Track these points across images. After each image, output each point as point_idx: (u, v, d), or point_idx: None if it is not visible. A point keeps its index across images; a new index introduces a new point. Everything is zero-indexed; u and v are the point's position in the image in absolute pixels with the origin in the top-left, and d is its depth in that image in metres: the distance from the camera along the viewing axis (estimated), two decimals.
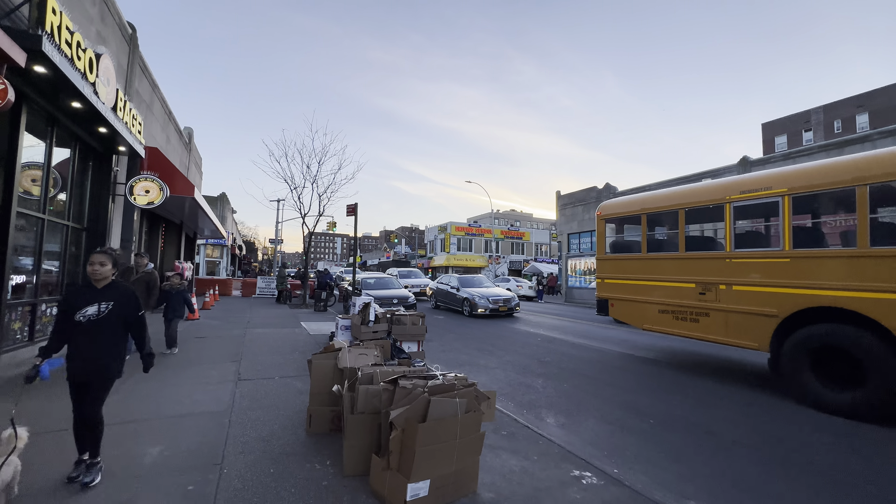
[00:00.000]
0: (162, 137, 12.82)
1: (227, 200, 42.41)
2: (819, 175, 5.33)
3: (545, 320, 13.93)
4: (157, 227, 14.89)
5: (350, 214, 10.01)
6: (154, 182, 9.32)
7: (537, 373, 6.85)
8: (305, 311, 14.85)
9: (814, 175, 5.39)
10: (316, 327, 10.85)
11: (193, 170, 18.79)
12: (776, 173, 5.87)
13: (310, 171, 16.36)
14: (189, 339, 8.60)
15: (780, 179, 5.72)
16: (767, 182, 5.84)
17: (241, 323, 11.27)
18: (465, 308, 14.25)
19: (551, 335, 10.70)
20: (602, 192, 29.70)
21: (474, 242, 53.30)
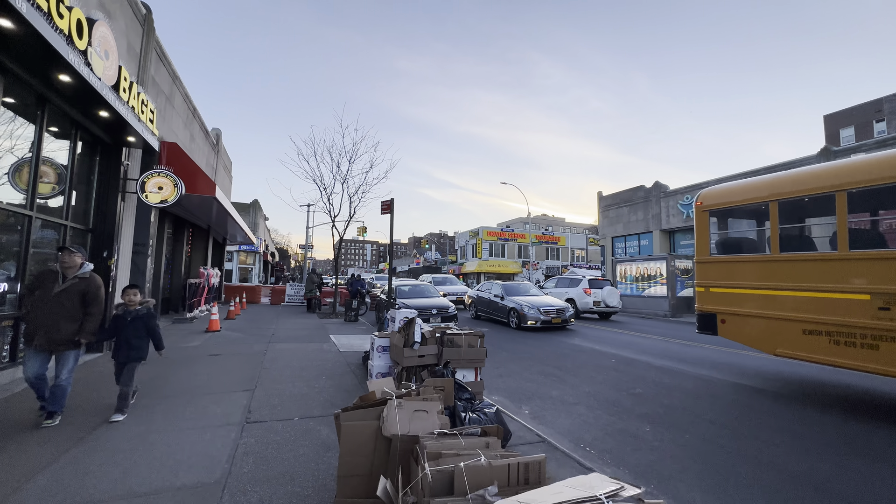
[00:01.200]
0: (185, 135, 11.95)
1: (260, 207, 42.52)
2: None
3: (606, 334, 12.05)
4: (182, 231, 14.09)
5: (385, 212, 8.71)
6: (168, 178, 8.26)
7: (636, 413, 5.13)
8: (335, 322, 13.61)
9: None
10: (346, 342, 9.49)
11: (222, 172, 18.11)
12: None
13: (340, 171, 15.26)
14: (201, 356, 7.39)
15: None
16: None
17: (265, 336, 10.07)
18: (512, 319, 12.58)
19: (625, 354, 8.88)
20: (651, 191, 27.32)
21: (507, 248, 51.37)
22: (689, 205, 24.16)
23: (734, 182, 6.46)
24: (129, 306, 4.63)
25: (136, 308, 4.63)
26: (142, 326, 4.59)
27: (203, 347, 8.28)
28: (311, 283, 17.41)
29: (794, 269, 5.27)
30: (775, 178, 5.75)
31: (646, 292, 21.01)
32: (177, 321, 11.84)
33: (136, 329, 4.55)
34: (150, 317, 4.70)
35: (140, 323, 4.59)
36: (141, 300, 4.72)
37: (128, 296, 4.65)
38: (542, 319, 11.91)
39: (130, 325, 4.53)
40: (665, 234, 26.47)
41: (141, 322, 4.60)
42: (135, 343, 4.52)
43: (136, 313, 4.60)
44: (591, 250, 57.22)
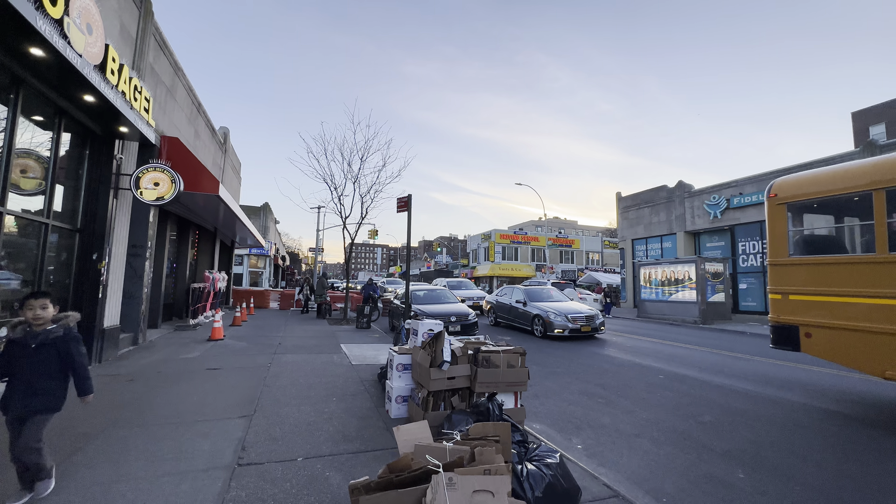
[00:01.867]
0: (188, 131, 11.29)
1: (270, 210, 42.18)
2: None
3: (641, 344, 11.02)
4: (187, 233, 13.44)
5: (402, 210, 7.87)
6: (165, 173, 7.53)
7: (717, 450, 4.17)
8: (346, 329, 12.78)
9: None
10: (359, 353, 8.65)
11: (230, 173, 17.50)
12: None
13: (351, 170, 14.51)
14: (197, 371, 6.59)
15: None
16: None
17: (271, 345, 9.28)
18: (536, 327, 11.61)
19: (673, 369, 7.87)
20: (674, 192, 26.11)
21: (520, 251, 50.31)
22: (716, 205, 22.92)
23: (816, 170, 5.46)
24: (34, 325, 2.88)
25: (45, 328, 2.89)
26: (54, 357, 2.89)
27: (201, 359, 7.50)
28: (322, 287, 16.65)
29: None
30: (877, 162, 4.74)
31: (672, 297, 19.82)
32: (179, 328, 11.14)
33: (45, 362, 2.86)
34: (70, 341, 2.95)
35: (51, 352, 2.88)
36: (56, 315, 2.98)
37: (32, 309, 2.86)
38: (571, 328, 10.93)
39: (35, 356, 2.84)
40: (690, 236, 25.21)
41: (53, 350, 2.88)
42: (41, 384, 2.84)
43: (45, 337, 2.86)
44: (607, 253, 55.81)
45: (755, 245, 21.20)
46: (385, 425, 4.40)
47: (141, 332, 8.78)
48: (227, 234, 18.27)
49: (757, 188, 21.08)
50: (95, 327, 6.84)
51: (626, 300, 28.61)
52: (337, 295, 20.09)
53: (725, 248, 23.19)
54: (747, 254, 21.60)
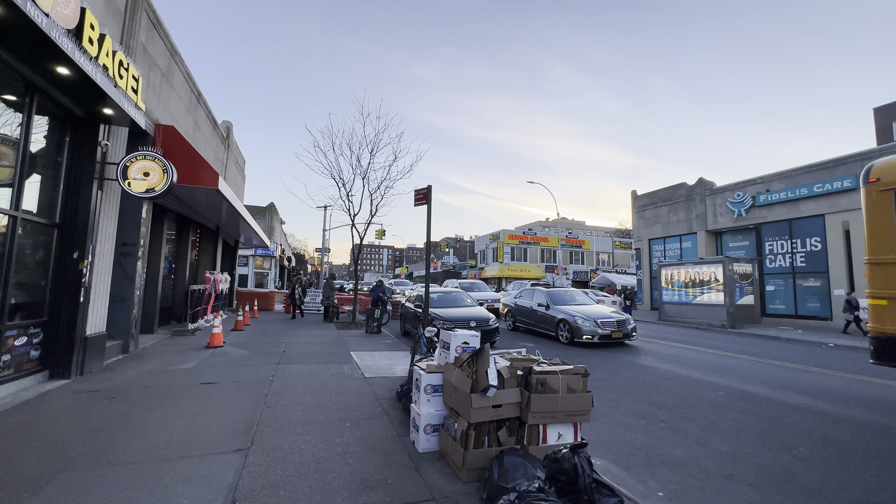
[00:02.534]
0: (187, 122, 10.51)
1: (276, 211, 41.56)
2: None
3: (678, 351, 10.06)
4: (186, 232, 12.66)
5: (420, 202, 7.02)
6: (156, 162, 6.71)
7: (837, 499, 3.24)
8: (355, 334, 11.94)
9: None
10: (371, 362, 7.78)
11: (233, 169, 16.75)
12: None
13: (360, 165, 13.67)
14: (189, 386, 5.76)
15: None
16: None
17: (274, 353, 8.44)
18: (562, 333, 10.68)
19: (730, 384, 6.93)
20: (694, 189, 25.03)
21: (529, 251, 49.31)
22: (740, 203, 21.84)
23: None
24: None
25: None
26: None
27: (196, 371, 6.67)
28: (329, 289, 15.83)
29: None
30: None
31: (697, 300, 18.78)
32: (177, 333, 10.34)
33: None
34: None
35: None
36: None
37: None
38: (601, 334, 9.99)
39: None
40: (711, 236, 24.13)
41: None
42: None
43: None
44: (618, 254, 54.65)
45: (783, 245, 20.10)
46: (413, 463, 3.53)
47: (132, 339, 7.98)
48: (231, 233, 17.53)
49: (785, 185, 20.01)
50: (76, 335, 6.03)
51: (643, 302, 27.56)
52: (344, 297, 19.28)
53: (750, 249, 22.10)
54: (775, 254, 20.51)
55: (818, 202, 18.66)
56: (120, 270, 7.91)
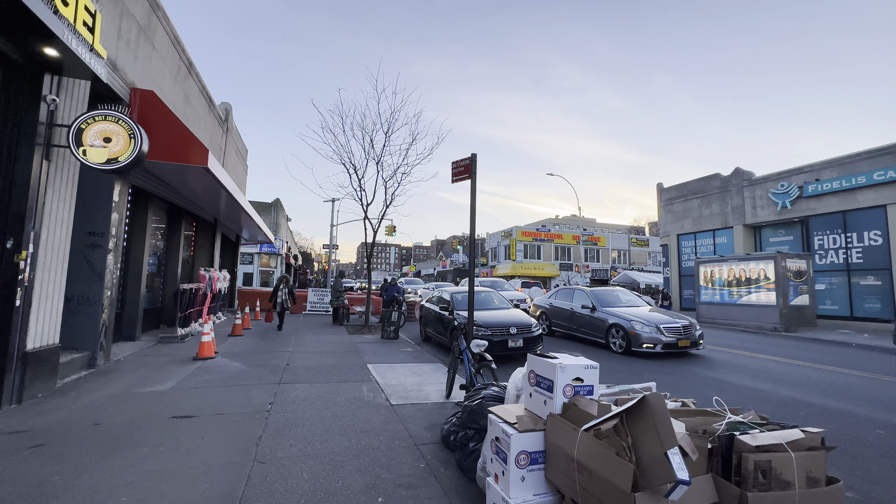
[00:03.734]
0: (174, 93, 9.00)
1: (282, 207, 40.24)
2: None
3: (751, 362, 8.39)
4: (178, 223, 11.18)
5: (461, 177, 5.44)
6: (120, 124, 5.18)
7: None
8: (369, 340, 10.40)
9: None
10: (395, 381, 6.22)
11: (233, 157, 15.26)
12: None
13: (374, 149, 12.10)
14: (159, 420, 4.21)
15: None
16: None
17: (275, 367, 6.91)
18: (614, 340, 9.04)
19: (875, 414, 5.25)
20: (730, 180, 23.16)
21: (543, 249, 47.57)
22: (784, 194, 20.00)
23: None
24: None
25: None
26: None
27: (171, 396, 5.13)
28: (337, 290, 14.30)
29: None
30: None
31: (743, 300, 17.00)
32: (164, 340, 8.86)
33: None
34: None
35: None
36: None
37: None
38: (665, 341, 8.33)
39: None
40: (749, 230, 22.28)
41: None
42: None
43: None
44: (634, 251, 52.70)
45: (836, 239, 18.24)
46: None
47: (101, 351, 6.48)
48: (232, 227, 16.07)
49: (838, 173, 18.15)
50: (9, 350, 4.53)
51: (672, 302, 25.76)
52: (354, 297, 17.77)
53: (794, 244, 20.25)
54: (825, 250, 18.65)
55: (879, 191, 16.78)
56: (85, 266, 6.41)
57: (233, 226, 15.91)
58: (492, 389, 3.65)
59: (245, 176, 18.30)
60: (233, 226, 15.91)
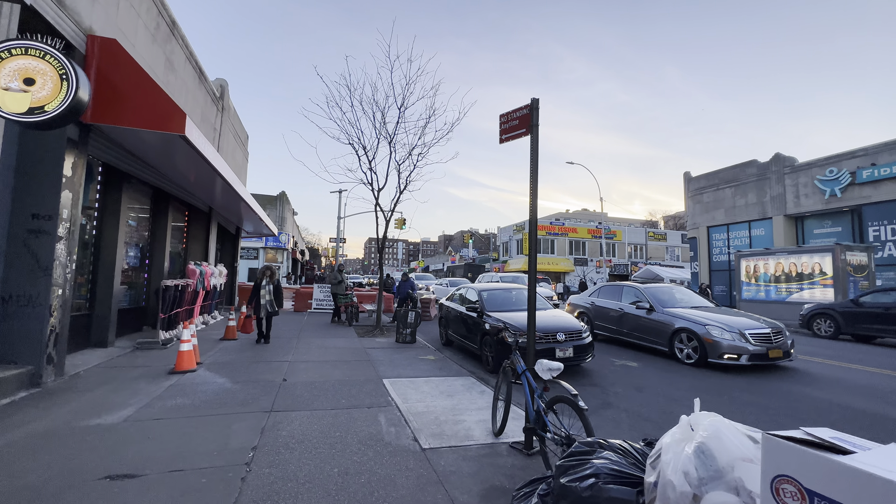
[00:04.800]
0: (153, 55, 7.60)
1: (287, 200, 38.97)
2: None
3: (866, 379, 6.81)
4: (165, 211, 9.82)
5: (515, 132, 4.01)
6: (49, 62, 3.77)
7: None
8: (382, 345, 9.00)
9: None
10: (423, 407, 4.80)
11: (231, 140, 13.87)
12: None
13: (385, 127, 10.60)
14: (84, 483, 2.80)
15: None
16: None
17: (269, 385, 5.51)
18: (682, 348, 7.48)
19: None
20: (769, 167, 21.29)
21: (557, 243, 45.86)
22: (834, 181, 18.19)
23: None
24: None
25: None
26: None
27: (122, 434, 3.74)
28: (338, 283, 12.89)
29: None
30: None
31: (793, 297, 15.30)
32: (142, 346, 7.51)
33: None
34: None
35: None
36: None
37: None
38: (752, 352, 6.74)
39: None
40: (790, 221, 20.48)
41: None
42: None
43: None
44: (651, 245, 50.77)
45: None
46: None
47: (50, 365, 5.12)
48: (230, 217, 14.74)
49: None
50: None
51: None
52: (364, 294, 16.41)
53: (843, 235, 18.46)
54: (882, 241, 16.85)
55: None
56: (26, 257, 5.04)
57: (232, 217, 14.58)
58: (605, 459, 2.17)
59: (245, 163, 16.95)
60: (232, 217, 14.58)
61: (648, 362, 7.68)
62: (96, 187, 7.21)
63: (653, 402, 5.45)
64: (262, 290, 8.39)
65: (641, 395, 5.72)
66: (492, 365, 6.90)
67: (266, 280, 8.52)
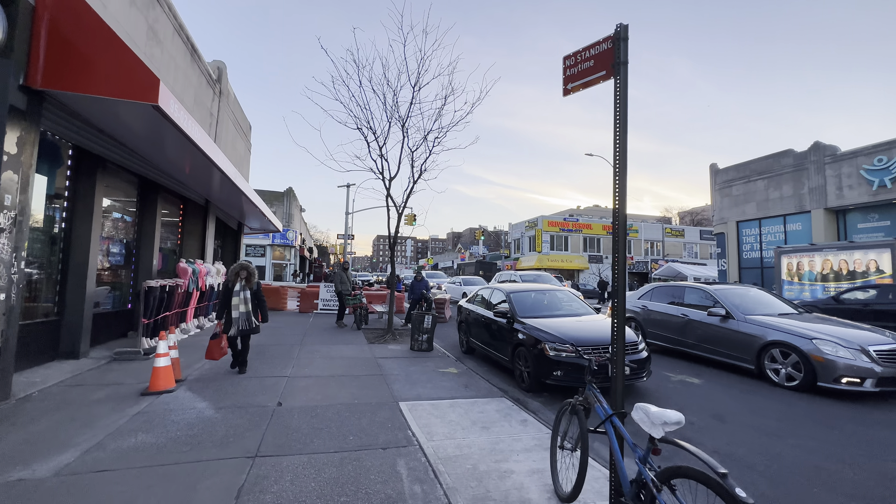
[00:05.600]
0: (131, 20, 6.56)
1: (294, 196, 38.13)
2: None
3: None
4: (152, 203, 8.83)
5: (593, 76, 3.00)
6: None
7: None
8: (395, 353, 7.94)
9: None
10: (455, 450, 3.73)
11: (230, 128, 12.88)
12: None
13: (398, 107, 9.49)
14: None
15: None
16: None
17: (259, 413, 4.48)
18: (778, 367, 6.09)
19: None
20: (807, 156, 19.76)
21: (571, 240, 44.49)
22: (884, 170, 16.68)
23: None
24: None
25: None
26: None
27: (46, 498, 2.68)
28: (343, 283, 11.85)
29: None
30: None
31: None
32: (120, 356, 6.53)
33: None
34: None
35: None
36: None
37: None
38: (881, 375, 5.41)
39: None
40: (831, 215, 18.98)
41: None
42: None
43: None
44: (668, 242, 49.08)
45: None
46: None
47: None
48: (231, 212, 13.77)
49: None
50: None
51: None
52: (373, 294, 15.38)
53: (892, 230, 16.97)
54: None
55: None
56: None
57: (232, 211, 13.60)
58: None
59: (248, 155, 15.98)
60: (232, 211, 13.60)
61: (711, 378, 6.49)
62: (65, 173, 6.22)
63: (744, 437, 4.29)
64: (235, 297, 5.96)
65: (725, 428, 4.56)
66: (527, 382, 5.78)
67: (241, 284, 6.06)
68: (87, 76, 4.63)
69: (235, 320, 5.92)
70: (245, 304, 6.01)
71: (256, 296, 6.21)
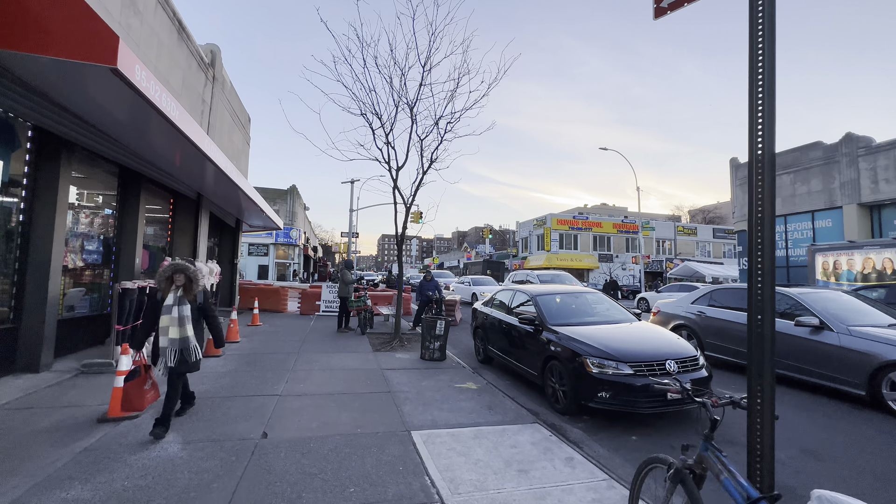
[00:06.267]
0: None
1: (298, 194, 37.38)
2: None
3: None
4: (135, 196, 7.99)
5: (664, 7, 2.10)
6: None
7: None
8: (404, 364, 7.04)
9: None
10: (481, 496, 2.73)
11: (225, 117, 12.03)
12: None
13: (406, 89, 8.58)
14: None
15: None
16: None
17: (238, 450, 3.63)
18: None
19: None
20: (838, 149, 18.60)
21: (580, 238, 43.39)
22: None
23: None
24: None
25: None
26: None
27: None
28: (346, 283, 10.97)
29: None
30: None
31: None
32: (88, 369, 5.68)
33: None
34: None
35: None
36: None
37: None
38: None
39: None
40: (864, 210, 17.85)
41: None
42: None
43: None
44: (680, 241, 47.81)
45: None
46: None
47: None
48: (228, 208, 12.94)
49: None
50: None
51: None
52: (378, 295, 14.50)
53: None
54: None
55: None
56: None
57: (229, 207, 12.77)
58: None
59: (247, 148, 15.15)
60: (229, 207, 12.77)
61: (800, 404, 5.40)
62: (24, 157, 5.38)
63: (856, 483, 3.33)
64: (165, 315, 3.84)
65: (823, 468, 3.61)
66: (563, 404, 4.84)
67: (176, 294, 3.91)
68: (28, 33, 3.76)
69: (165, 350, 3.79)
70: (181, 325, 3.83)
71: (203, 312, 4.11)
